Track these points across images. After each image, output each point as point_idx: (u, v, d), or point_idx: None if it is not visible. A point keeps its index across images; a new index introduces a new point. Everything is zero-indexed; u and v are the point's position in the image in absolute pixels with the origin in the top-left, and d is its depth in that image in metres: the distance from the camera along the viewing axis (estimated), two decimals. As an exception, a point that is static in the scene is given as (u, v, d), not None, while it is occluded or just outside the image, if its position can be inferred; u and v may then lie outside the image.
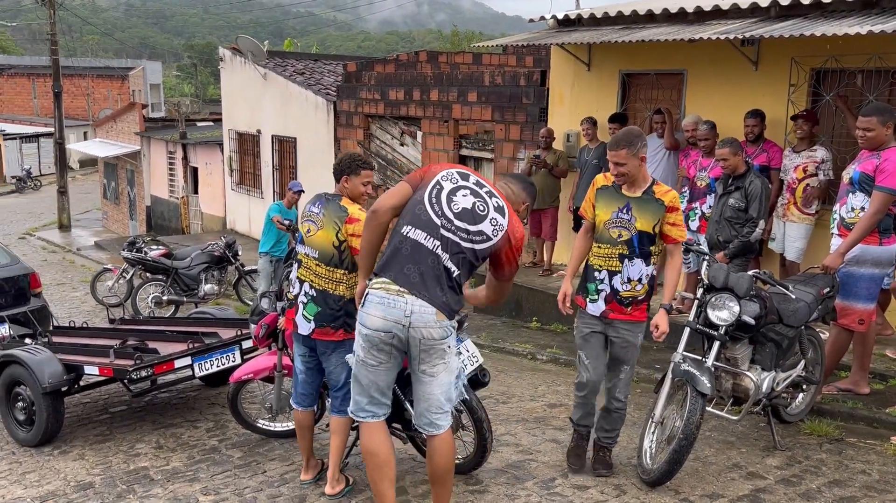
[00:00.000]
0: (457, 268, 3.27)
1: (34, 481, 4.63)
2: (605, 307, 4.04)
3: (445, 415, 3.40)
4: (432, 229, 3.25)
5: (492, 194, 3.39)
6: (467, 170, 3.49)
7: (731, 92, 7.15)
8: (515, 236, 3.39)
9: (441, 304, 3.21)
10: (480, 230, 3.30)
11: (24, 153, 39.26)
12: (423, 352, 3.25)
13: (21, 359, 5.24)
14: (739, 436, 4.82)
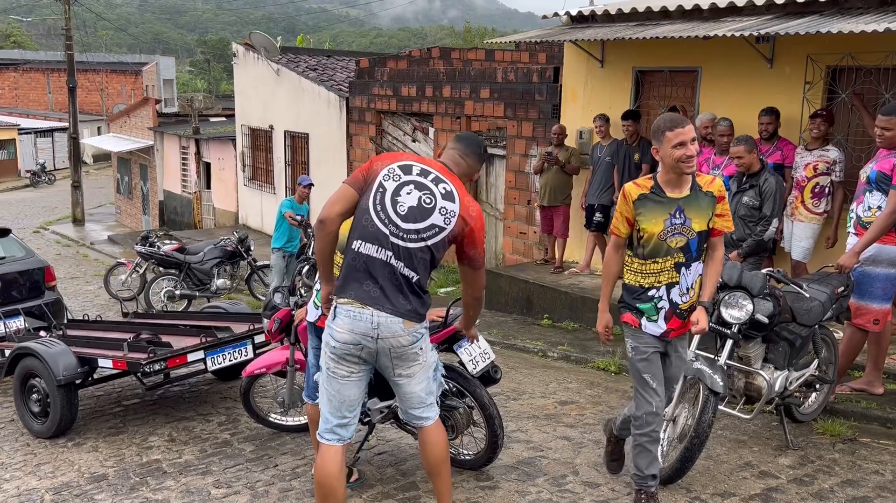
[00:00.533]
0: (415, 272, 3.19)
1: (48, 472, 4.67)
2: (666, 326, 3.64)
3: (430, 407, 3.44)
4: (382, 240, 3.16)
5: (439, 180, 3.25)
6: (410, 158, 3.34)
7: (746, 89, 7.10)
8: (471, 216, 3.26)
9: (406, 313, 3.17)
10: (430, 224, 3.19)
11: (38, 148, 39.57)
12: (396, 359, 3.24)
13: (36, 352, 5.29)
14: (751, 435, 4.80)
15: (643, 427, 3.63)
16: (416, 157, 3.35)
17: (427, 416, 3.43)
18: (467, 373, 4.07)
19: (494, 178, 10.68)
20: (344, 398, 3.27)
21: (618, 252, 3.76)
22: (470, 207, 3.26)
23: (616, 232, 3.72)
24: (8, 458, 4.95)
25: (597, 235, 8.27)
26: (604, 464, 4.25)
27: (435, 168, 3.30)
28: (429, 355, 3.37)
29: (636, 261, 3.67)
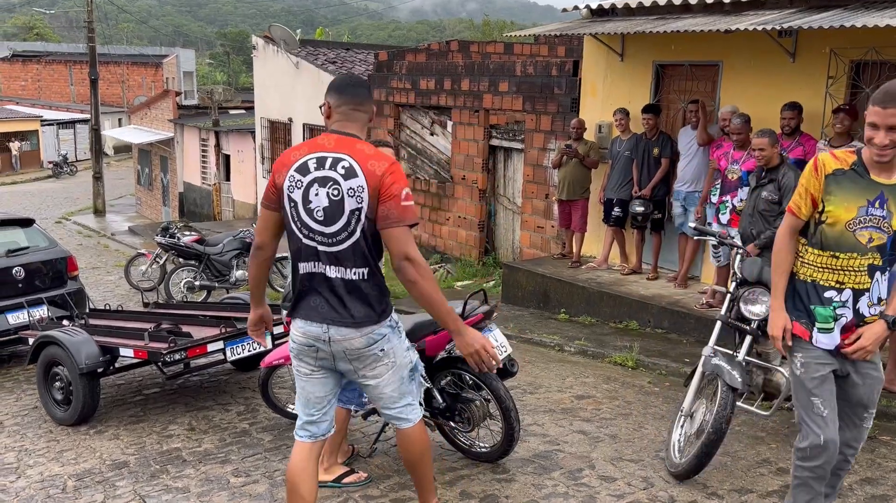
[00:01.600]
0: (359, 269, 2.97)
1: (71, 459, 4.75)
2: (840, 339, 3.00)
3: (408, 408, 3.21)
4: (314, 254, 2.98)
5: (337, 161, 2.93)
6: (304, 151, 3.01)
7: (768, 84, 7.04)
8: (376, 174, 2.89)
9: (357, 321, 2.97)
10: (349, 214, 2.92)
11: (60, 139, 40.04)
12: (354, 362, 3.05)
13: (59, 341, 5.36)
14: (769, 432, 4.78)
15: (807, 460, 3.07)
16: (309, 144, 3.02)
17: (406, 418, 3.21)
18: None
19: (512, 172, 10.67)
20: (309, 395, 3.15)
21: (793, 238, 3.09)
22: (376, 167, 2.90)
23: (795, 211, 3.04)
24: (32, 445, 5.04)
25: (615, 230, 8.24)
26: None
27: (329, 148, 2.97)
28: (400, 355, 3.12)
29: (812, 252, 3.02)
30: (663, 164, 7.64)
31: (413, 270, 2.87)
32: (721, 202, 6.65)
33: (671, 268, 8.07)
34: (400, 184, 2.90)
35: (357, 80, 3.16)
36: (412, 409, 3.23)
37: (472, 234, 11.22)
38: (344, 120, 3.05)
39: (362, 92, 3.10)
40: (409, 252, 2.88)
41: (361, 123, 3.08)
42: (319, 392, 3.15)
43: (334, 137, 3.01)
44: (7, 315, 6.78)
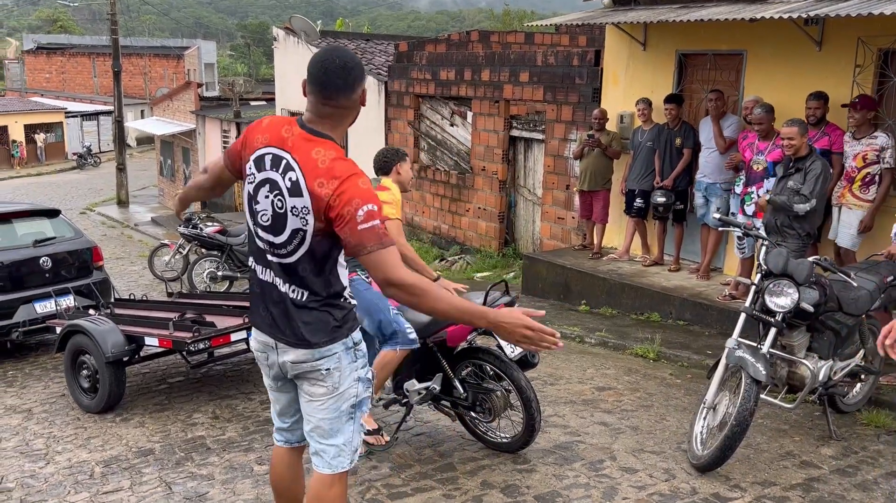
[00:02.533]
0: (304, 289, 2.59)
1: (98, 446, 4.82)
2: None
3: (332, 449, 2.69)
4: (262, 258, 2.66)
5: (288, 168, 2.50)
6: (266, 137, 2.59)
7: (793, 73, 6.94)
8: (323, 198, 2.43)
9: (301, 341, 2.62)
10: (292, 232, 2.53)
11: (84, 131, 40.50)
12: (298, 375, 2.71)
13: (86, 330, 5.44)
14: (793, 425, 4.74)
15: None
16: (273, 132, 2.59)
17: (329, 462, 2.70)
18: (505, 356, 4.10)
19: (533, 163, 10.63)
20: (275, 402, 2.91)
21: None
22: (323, 188, 2.42)
23: None
24: (60, 432, 5.13)
25: (637, 221, 8.19)
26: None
27: (287, 145, 2.52)
28: (345, 383, 2.66)
29: None
30: (685, 154, 7.57)
31: (402, 295, 2.44)
32: (746, 193, 6.59)
33: (693, 259, 8.02)
34: (354, 204, 2.39)
35: (335, 67, 2.49)
36: (337, 454, 2.70)
37: (492, 226, 11.21)
38: (312, 112, 2.56)
39: (337, 85, 2.49)
40: (389, 277, 2.42)
41: (333, 122, 2.55)
42: (284, 400, 2.87)
43: (297, 132, 2.54)
44: (35, 304, 6.89)
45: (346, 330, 2.66)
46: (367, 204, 2.41)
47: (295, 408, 2.86)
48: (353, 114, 2.60)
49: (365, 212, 2.40)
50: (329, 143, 2.52)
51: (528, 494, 3.86)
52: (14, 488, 4.23)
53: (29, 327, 6.76)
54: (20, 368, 6.77)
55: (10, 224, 7.31)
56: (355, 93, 2.54)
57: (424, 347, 4.23)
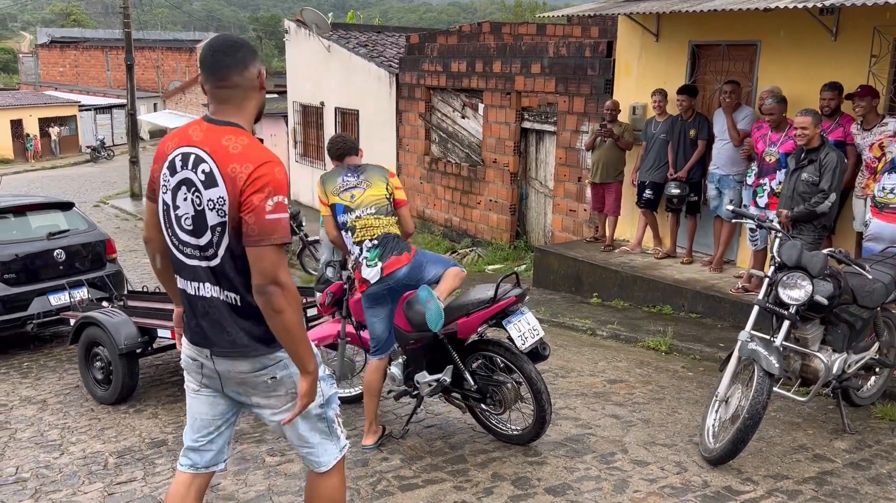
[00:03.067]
0: (235, 292, 2.49)
1: (112, 437, 4.87)
2: None
3: (318, 449, 2.69)
4: (187, 270, 2.54)
5: (199, 161, 2.42)
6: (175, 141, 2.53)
7: (808, 63, 6.87)
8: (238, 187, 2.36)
9: (234, 351, 2.52)
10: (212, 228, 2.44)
11: (98, 124, 40.74)
12: (242, 385, 2.59)
13: (100, 322, 5.49)
14: (806, 418, 4.71)
15: None
16: (180, 134, 2.53)
17: (317, 461, 2.70)
18: (515, 348, 4.09)
19: (544, 155, 10.59)
20: (195, 415, 2.73)
21: None
22: (237, 173, 2.36)
23: None
24: (74, 422, 5.17)
25: (646, 213, 8.15)
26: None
27: (195, 141, 2.46)
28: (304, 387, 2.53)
29: None
30: (699, 145, 7.51)
31: (281, 298, 2.35)
32: (758, 185, 6.53)
33: (706, 251, 7.97)
34: (266, 191, 2.34)
35: (222, 46, 2.47)
36: (323, 451, 2.70)
37: (503, 218, 11.19)
38: (213, 102, 2.49)
39: (227, 63, 2.43)
40: (277, 275, 2.35)
41: (235, 105, 2.48)
42: (206, 413, 2.71)
43: (205, 126, 2.48)
44: (49, 296, 6.95)
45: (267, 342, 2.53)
46: (279, 195, 2.36)
47: (216, 424, 2.72)
48: (254, 96, 2.52)
49: (275, 202, 2.35)
50: (238, 129, 2.45)
51: (539, 486, 3.85)
52: (29, 478, 4.28)
53: (43, 319, 6.82)
54: (35, 360, 6.83)
55: (24, 217, 7.37)
56: (248, 70, 2.47)
57: (435, 339, 4.23)
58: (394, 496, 3.81)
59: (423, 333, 4.21)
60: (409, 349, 4.31)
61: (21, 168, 33.53)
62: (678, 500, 3.68)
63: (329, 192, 4.27)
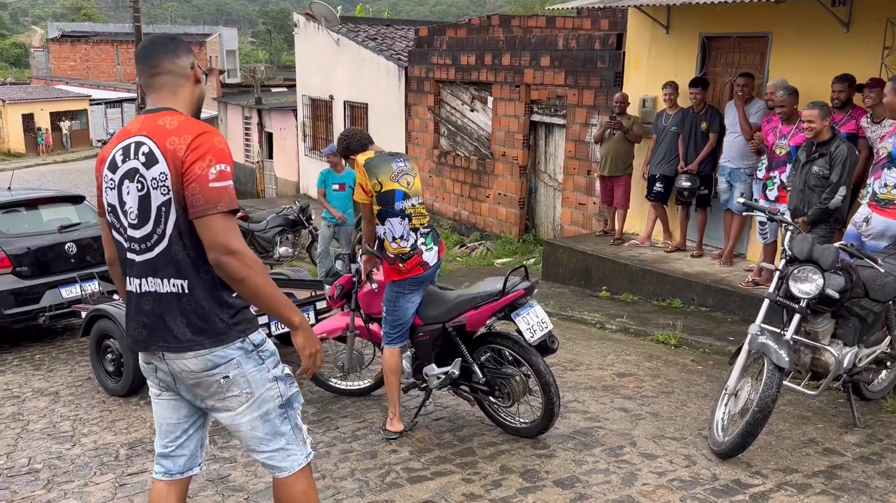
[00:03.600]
0: (171, 285, 2.42)
1: (123, 428, 4.90)
2: None
3: (280, 453, 2.58)
4: (134, 268, 2.48)
5: (139, 146, 2.40)
6: (114, 141, 2.51)
7: (820, 55, 6.81)
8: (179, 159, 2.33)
9: (179, 346, 2.43)
10: (156, 211, 2.38)
11: (108, 118, 40.88)
12: (195, 387, 2.50)
13: (110, 314, 5.52)
14: (816, 412, 4.69)
15: None
16: (120, 132, 2.53)
17: (278, 466, 2.59)
18: (524, 341, 4.09)
19: (554, 148, 10.57)
20: (160, 421, 2.66)
21: None
22: (176, 145, 2.33)
23: None
24: (85, 414, 5.21)
25: (657, 206, 8.11)
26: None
27: (133, 131, 2.45)
28: (258, 386, 2.49)
29: None
30: (711, 138, 7.47)
31: (238, 264, 2.30)
32: (768, 178, 6.49)
33: (716, 245, 7.94)
34: (207, 160, 2.31)
35: (152, 40, 2.54)
36: (287, 456, 2.59)
37: (512, 212, 11.17)
38: (150, 93, 2.50)
39: (157, 50, 2.48)
40: (229, 243, 2.29)
41: (169, 91, 2.48)
42: (170, 418, 2.64)
43: (142, 118, 2.47)
44: (60, 289, 6.99)
45: (238, 332, 2.46)
46: (221, 163, 2.34)
47: (183, 428, 2.65)
48: (187, 86, 2.51)
49: (218, 170, 2.32)
50: (174, 112, 2.44)
51: (548, 479, 3.86)
52: (42, 469, 4.31)
53: (55, 312, 6.86)
54: (47, 352, 6.89)
55: (36, 210, 7.41)
56: (179, 58, 2.49)
57: (444, 331, 4.23)
58: (402, 488, 3.82)
59: (432, 326, 4.22)
60: (419, 341, 4.32)
61: (32, 162, 33.73)
62: (687, 494, 3.68)
63: (385, 179, 4.16)
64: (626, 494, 3.69)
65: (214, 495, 3.87)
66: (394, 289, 4.25)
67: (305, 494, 2.61)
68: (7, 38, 65.65)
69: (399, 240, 4.20)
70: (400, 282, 4.23)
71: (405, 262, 4.19)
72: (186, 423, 2.66)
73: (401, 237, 4.20)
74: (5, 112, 36.08)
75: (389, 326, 4.32)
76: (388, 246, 4.21)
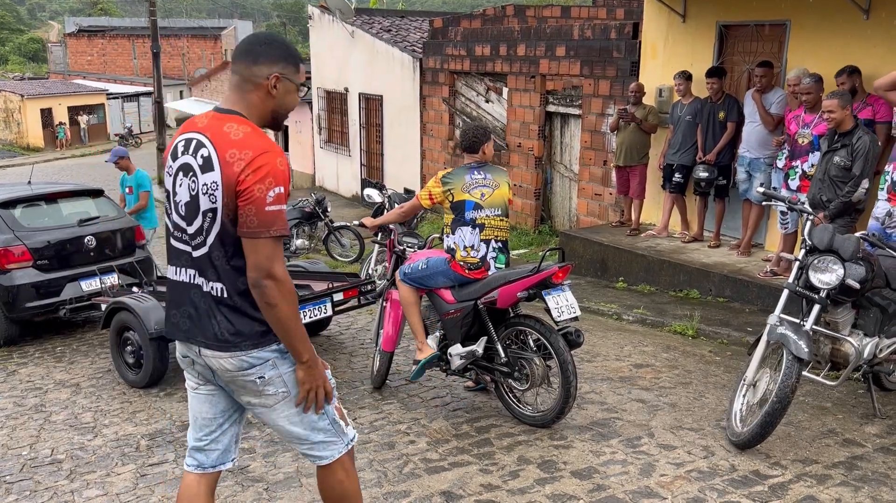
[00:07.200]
0: (211, 288, 2.43)
1: (143, 420, 4.96)
2: None
3: (320, 446, 2.60)
4: (179, 256, 2.51)
5: (199, 145, 2.39)
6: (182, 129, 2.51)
7: (839, 43, 6.72)
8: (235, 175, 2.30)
9: (217, 344, 2.44)
10: (203, 213, 2.39)
11: (125, 112, 41.21)
12: (231, 384, 2.54)
13: (130, 307, 5.57)
14: (835, 402, 4.66)
15: None
16: (188, 122, 2.54)
17: (318, 455, 2.62)
18: (550, 321, 4.19)
19: (569, 139, 10.52)
20: (195, 414, 2.67)
21: None
22: (235, 159, 2.31)
23: None
24: (106, 405, 5.28)
25: (676, 197, 8.06)
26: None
27: (199, 126, 2.45)
28: (295, 385, 2.51)
29: None
30: (729, 128, 7.40)
31: (275, 291, 2.32)
32: (790, 167, 6.43)
33: (733, 235, 7.88)
34: (267, 182, 2.29)
35: (247, 39, 2.50)
36: (324, 447, 2.61)
37: (527, 203, 11.14)
38: (230, 92, 2.49)
39: (242, 50, 2.45)
40: (272, 269, 2.31)
41: (241, 95, 2.44)
42: (207, 412, 2.65)
43: (211, 114, 2.47)
44: (80, 282, 7.06)
45: (276, 336, 2.44)
46: (280, 186, 2.31)
47: (218, 423, 2.66)
48: (259, 93, 2.43)
49: (276, 194, 2.30)
50: (241, 118, 2.41)
51: (565, 470, 3.86)
52: (64, 460, 4.38)
53: (75, 304, 6.94)
54: (68, 344, 6.97)
55: (55, 204, 7.49)
56: (257, 65, 2.41)
57: (474, 310, 4.33)
58: (420, 478, 3.84)
59: (464, 303, 4.36)
60: (448, 318, 4.40)
61: (51, 156, 34.06)
62: (705, 485, 3.67)
63: (457, 190, 4.38)
64: (644, 485, 3.69)
65: (234, 485, 3.90)
66: (442, 268, 4.41)
67: (342, 484, 2.65)
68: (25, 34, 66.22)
69: (469, 249, 4.35)
70: (453, 272, 4.39)
71: (471, 271, 4.36)
72: (222, 418, 2.66)
73: (471, 247, 4.35)
74: (24, 107, 36.43)
75: (414, 275, 4.51)
76: (458, 254, 4.38)
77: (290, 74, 2.45)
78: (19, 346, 6.94)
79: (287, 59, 2.45)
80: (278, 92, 2.44)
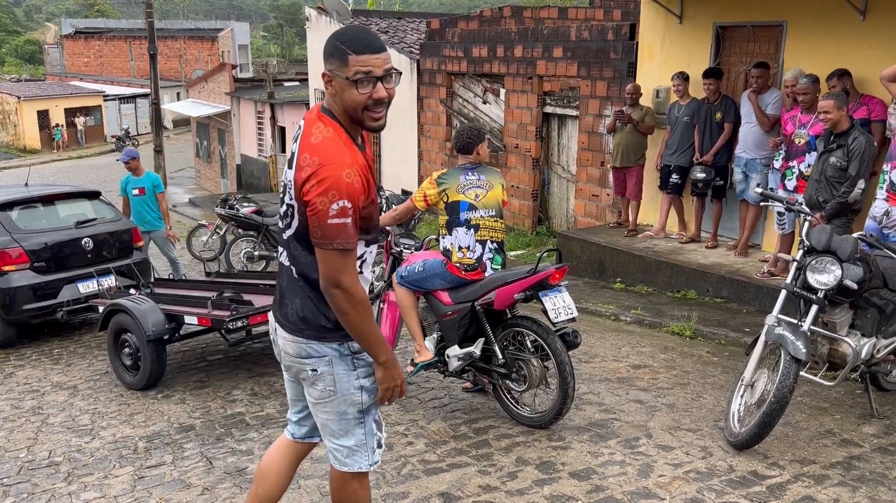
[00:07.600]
0: (293, 272, 2.50)
1: (141, 422, 4.95)
2: None
3: (346, 451, 2.61)
4: (281, 239, 2.58)
5: (296, 138, 2.46)
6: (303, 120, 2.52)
7: (836, 44, 6.74)
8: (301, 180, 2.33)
9: (288, 327, 2.53)
10: (286, 206, 2.49)
11: (122, 113, 41.19)
12: (290, 369, 2.64)
13: (127, 309, 5.57)
14: (833, 403, 4.67)
15: None
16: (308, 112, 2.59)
17: (342, 460, 2.63)
18: (547, 322, 4.20)
19: (567, 140, 10.53)
20: (288, 392, 2.83)
21: None
22: (305, 165, 2.32)
23: None
24: (104, 408, 5.27)
25: (673, 198, 8.07)
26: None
27: (305, 119, 2.50)
28: (343, 386, 2.52)
29: None
30: (726, 128, 7.41)
31: (343, 300, 2.35)
32: (787, 167, 6.44)
33: (731, 236, 7.89)
34: (330, 195, 2.27)
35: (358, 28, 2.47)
36: (351, 454, 2.61)
37: (525, 204, 11.15)
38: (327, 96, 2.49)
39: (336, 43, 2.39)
40: (340, 280, 2.34)
41: (328, 100, 2.45)
42: (293, 392, 2.79)
43: (315, 109, 2.50)
44: (78, 284, 7.06)
45: (341, 336, 2.48)
46: (344, 199, 2.28)
47: (302, 404, 2.77)
48: (328, 94, 2.41)
49: (340, 207, 2.28)
50: (330, 121, 2.40)
51: (563, 471, 3.86)
52: (62, 462, 4.37)
53: (73, 307, 6.94)
54: (65, 346, 6.96)
55: (53, 206, 7.48)
56: (327, 61, 2.36)
57: (471, 311, 4.33)
58: (419, 480, 3.84)
59: (462, 305, 4.35)
60: (446, 320, 4.40)
61: (48, 158, 34.01)
62: (703, 485, 3.67)
63: (451, 191, 4.38)
64: (643, 486, 3.69)
65: (232, 487, 3.90)
66: (438, 270, 4.41)
67: (356, 494, 2.67)
68: (21, 35, 66.08)
69: (465, 250, 4.35)
70: (450, 274, 4.39)
71: (467, 272, 4.35)
72: (304, 401, 2.74)
73: (467, 247, 4.35)
74: (21, 109, 36.40)
75: (411, 278, 4.51)
76: (454, 256, 4.37)
77: (336, 70, 2.35)
78: (16, 349, 6.94)
79: (331, 55, 2.37)
80: (335, 90, 2.38)
